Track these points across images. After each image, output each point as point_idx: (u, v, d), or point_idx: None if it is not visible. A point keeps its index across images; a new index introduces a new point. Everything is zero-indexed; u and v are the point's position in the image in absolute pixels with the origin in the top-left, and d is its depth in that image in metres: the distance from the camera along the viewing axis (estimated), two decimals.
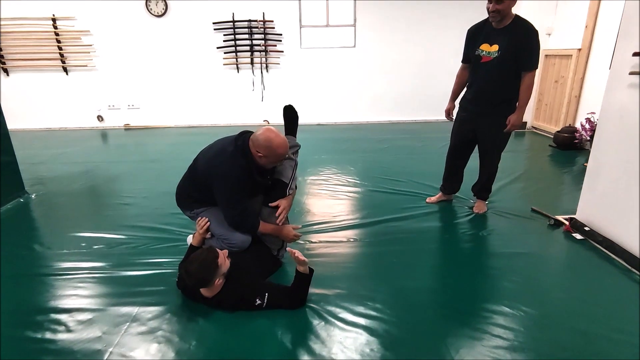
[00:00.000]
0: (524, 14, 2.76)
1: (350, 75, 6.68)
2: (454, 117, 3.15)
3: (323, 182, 3.91)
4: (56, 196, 3.63)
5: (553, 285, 2.24)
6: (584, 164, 4.01)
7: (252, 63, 6.50)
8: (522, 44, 2.63)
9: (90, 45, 6.31)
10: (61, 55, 6.31)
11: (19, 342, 1.81)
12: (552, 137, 5.22)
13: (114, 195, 3.63)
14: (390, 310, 1.98)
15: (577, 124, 4.99)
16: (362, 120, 6.90)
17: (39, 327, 1.90)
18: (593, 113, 4.58)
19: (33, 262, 2.52)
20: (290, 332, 1.84)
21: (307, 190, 3.67)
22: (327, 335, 1.82)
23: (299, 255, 1.92)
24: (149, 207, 3.33)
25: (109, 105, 6.68)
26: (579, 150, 4.85)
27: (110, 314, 1.99)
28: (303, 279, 1.98)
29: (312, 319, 1.93)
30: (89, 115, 6.71)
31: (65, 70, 6.43)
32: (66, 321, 1.93)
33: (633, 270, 2.31)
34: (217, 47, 6.38)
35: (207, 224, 2.25)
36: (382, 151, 5.05)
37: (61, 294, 2.17)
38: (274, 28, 6.34)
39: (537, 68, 2.71)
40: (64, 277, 2.32)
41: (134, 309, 2.01)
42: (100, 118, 6.74)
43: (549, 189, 3.71)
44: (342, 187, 3.76)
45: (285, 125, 2.64)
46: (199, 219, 2.27)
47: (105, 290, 2.19)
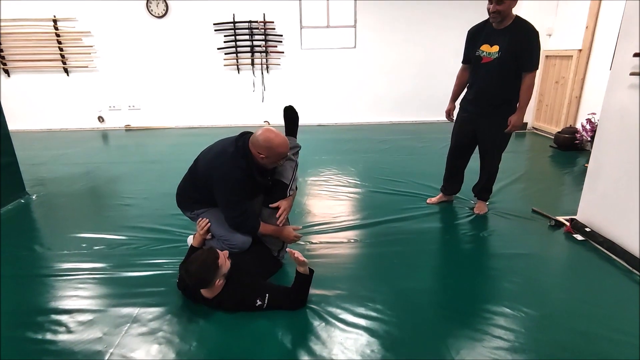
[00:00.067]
0: (525, 15, 2.76)
1: (351, 76, 6.68)
2: (454, 118, 3.15)
3: (323, 183, 3.91)
4: (57, 197, 3.64)
5: (554, 286, 2.24)
6: (585, 165, 4.00)
7: (253, 64, 6.51)
8: (523, 45, 2.63)
9: (91, 46, 6.32)
10: (62, 56, 6.32)
11: (19, 343, 1.81)
12: (553, 137, 5.21)
13: (115, 196, 3.64)
14: (391, 311, 1.98)
15: (578, 125, 4.99)
16: (363, 121, 6.90)
17: (39, 328, 1.90)
18: (594, 114, 4.58)
19: (34, 262, 2.52)
20: (290, 333, 1.84)
21: (307, 191, 3.67)
22: (328, 336, 1.82)
23: (299, 255, 1.92)
24: (149, 208, 3.33)
25: (110, 106, 6.70)
26: (580, 151, 4.85)
27: (110, 314, 1.99)
28: (303, 280, 1.98)
29: (312, 319, 1.93)
30: (89, 116, 6.72)
31: (66, 71, 6.44)
32: (67, 322, 1.94)
33: (634, 271, 2.30)
34: (218, 48, 6.39)
35: (208, 224, 2.25)
36: (383, 152, 5.05)
37: (62, 294, 2.17)
38: (274, 29, 6.34)
39: (537, 69, 2.71)
40: (64, 277, 2.32)
41: (134, 310, 2.01)
42: (100, 119, 6.75)
43: (550, 190, 3.70)
44: (343, 187, 3.76)
45: (285, 126, 2.64)
46: (200, 219, 2.28)
47: (106, 291, 2.19)
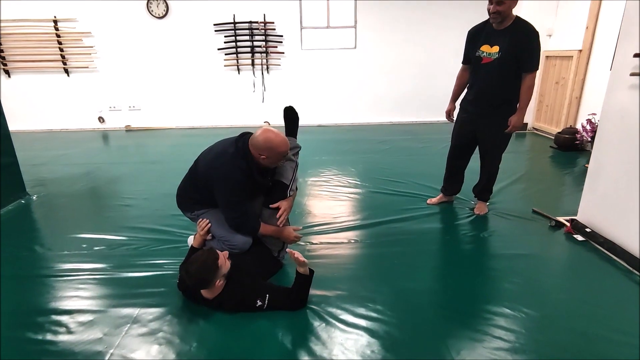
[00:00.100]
0: (525, 15, 2.77)
1: (351, 76, 6.68)
2: (454, 118, 3.15)
3: (324, 183, 3.91)
4: (57, 197, 3.64)
5: (554, 287, 2.24)
6: (585, 165, 4.00)
7: (253, 64, 6.51)
8: (523, 45, 2.63)
9: (92, 47, 6.33)
10: (62, 56, 6.33)
11: (19, 343, 1.81)
12: (553, 138, 5.21)
13: (115, 197, 3.64)
14: (391, 312, 1.98)
15: (578, 125, 4.99)
16: (363, 121, 6.90)
17: (39, 328, 1.90)
18: (594, 114, 4.58)
19: (34, 263, 2.52)
20: (291, 333, 1.84)
21: (307, 192, 3.67)
22: (328, 336, 1.82)
23: (299, 256, 1.92)
24: (149, 208, 3.33)
25: (110, 107, 6.70)
26: (580, 152, 4.85)
27: (111, 315, 1.99)
28: (303, 280, 1.98)
29: (312, 320, 1.92)
30: (90, 116, 6.72)
31: (66, 71, 6.44)
32: (67, 322, 1.94)
33: (634, 271, 2.30)
34: (218, 49, 6.39)
35: (208, 225, 2.25)
36: (383, 152, 5.05)
37: (62, 295, 2.17)
38: (274, 29, 6.35)
39: (537, 69, 2.71)
40: (64, 278, 2.32)
41: (134, 311, 2.01)
42: (101, 119, 6.75)
43: (550, 190, 3.70)
44: (343, 188, 3.76)
45: (285, 126, 2.64)
46: (200, 220, 2.27)
47: (106, 292, 2.19)
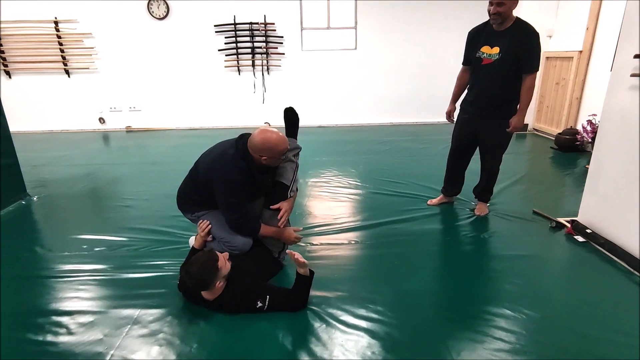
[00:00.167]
0: (525, 16, 2.77)
1: (352, 77, 6.69)
2: (454, 119, 3.15)
3: (324, 184, 3.91)
4: (58, 198, 3.64)
5: (554, 288, 2.24)
6: (586, 166, 4.00)
7: (254, 65, 6.51)
8: (523, 46, 2.63)
9: (92, 48, 6.33)
10: (63, 57, 6.33)
11: (20, 344, 1.81)
12: (554, 139, 5.21)
13: (116, 198, 3.64)
14: (392, 313, 1.98)
15: (579, 126, 4.98)
16: (363, 122, 6.90)
17: (40, 329, 1.90)
18: (594, 115, 4.57)
19: (34, 264, 2.53)
20: (291, 334, 1.84)
21: (308, 193, 3.67)
22: (329, 337, 1.81)
23: (299, 257, 1.92)
24: (150, 209, 3.33)
25: (111, 108, 6.70)
26: (581, 152, 4.84)
27: (111, 316, 1.99)
28: (304, 281, 1.98)
29: (313, 321, 1.92)
30: (90, 117, 6.73)
31: (67, 72, 6.45)
32: (67, 323, 1.94)
33: (634, 272, 2.30)
34: (219, 50, 6.40)
35: (209, 226, 2.25)
36: (383, 153, 5.05)
37: (62, 296, 2.17)
38: (275, 30, 6.35)
39: (538, 70, 2.71)
40: (65, 279, 2.32)
41: (135, 312, 2.01)
42: (101, 120, 6.76)
43: (551, 191, 3.70)
44: (343, 189, 3.76)
45: (286, 127, 2.64)
46: (200, 221, 2.28)
47: (107, 293, 2.19)
